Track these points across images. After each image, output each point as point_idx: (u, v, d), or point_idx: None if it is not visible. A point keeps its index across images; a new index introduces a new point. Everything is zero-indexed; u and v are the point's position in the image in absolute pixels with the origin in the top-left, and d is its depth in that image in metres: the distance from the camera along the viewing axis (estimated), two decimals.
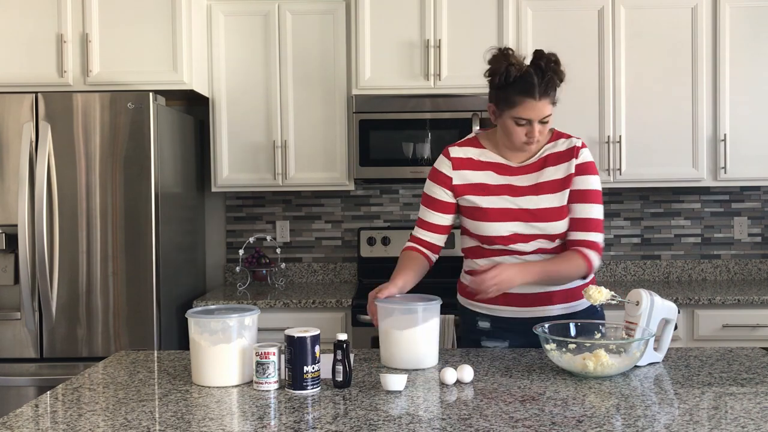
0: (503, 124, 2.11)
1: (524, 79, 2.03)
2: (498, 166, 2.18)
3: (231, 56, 3.60)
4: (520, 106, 2.04)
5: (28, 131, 3.03)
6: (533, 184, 2.14)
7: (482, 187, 2.16)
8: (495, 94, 2.11)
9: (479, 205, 2.15)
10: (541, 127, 2.07)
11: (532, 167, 2.16)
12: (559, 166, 2.14)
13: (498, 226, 2.13)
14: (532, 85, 2.02)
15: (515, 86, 2.04)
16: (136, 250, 3.06)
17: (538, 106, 2.03)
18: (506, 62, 2.05)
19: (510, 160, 2.18)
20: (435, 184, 2.24)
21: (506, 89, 2.06)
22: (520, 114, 2.04)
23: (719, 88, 3.51)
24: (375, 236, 3.80)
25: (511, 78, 2.04)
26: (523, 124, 2.06)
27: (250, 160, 3.61)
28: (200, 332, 1.80)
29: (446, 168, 2.21)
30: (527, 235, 2.12)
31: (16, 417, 1.58)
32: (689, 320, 3.28)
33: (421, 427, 1.48)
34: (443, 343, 3.08)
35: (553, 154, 2.16)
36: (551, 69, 2.05)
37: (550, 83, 2.04)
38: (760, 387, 1.75)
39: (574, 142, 2.16)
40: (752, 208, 3.90)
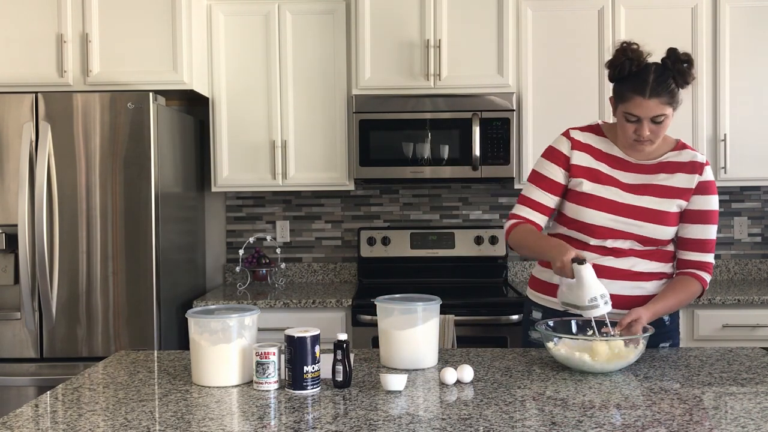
0: (618, 118, 2.12)
1: (639, 75, 2.03)
2: (614, 159, 2.17)
3: (231, 56, 3.60)
4: (630, 102, 2.04)
5: (28, 131, 3.04)
6: (641, 184, 2.14)
7: (595, 174, 2.15)
8: (613, 88, 2.12)
9: (586, 190, 2.14)
10: (654, 126, 2.05)
11: (648, 168, 2.16)
12: (677, 175, 2.13)
13: (596, 215, 2.12)
14: (644, 83, 2.01)
15: (629, 81, 2.04)
16: (136, 250, 3.06)
17: (647, 105, 2.01)
18: (624, 56, 2.05)
19: (629, 156, 2.17)
20: (549, 162, 2.20)
21: (620, 83, 2.07)
22: (630, 110, 2.05)
23: (719, 88, 3.51)
24: (375, 236, 3.80)
25: (625, 72, 2.04)
26: (633, 121, 2.06)
27: (250, 160, 3.61)
28: (200, 332, 1.80)
29: (565, 147, 2.19)
30: (622, 231, 2.11)
31: (16, 417, 1.58)
32: (689, 320, 3.28)
33: (421, 427, 1.48)
34: (443, 343, 3.08)
35: (673, 162, 2.15)
36: (676, 69, 2.02)
37: (664, 83, 2.01)
38: (760, 387, 1.75)
39: (698, 158, 2.16)
40: (752, 208, 3.90)
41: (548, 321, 2.05)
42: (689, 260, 2.16)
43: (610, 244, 2.13)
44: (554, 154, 2.20)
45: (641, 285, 2.14)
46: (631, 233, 2.11)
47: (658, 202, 2.11)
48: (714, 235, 2.16)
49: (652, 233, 2.11)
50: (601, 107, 3.51)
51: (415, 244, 3.80)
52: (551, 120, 3.49)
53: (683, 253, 2.17)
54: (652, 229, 2.11)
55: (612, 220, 2.11)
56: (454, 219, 3.94)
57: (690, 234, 2.15)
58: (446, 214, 3.94)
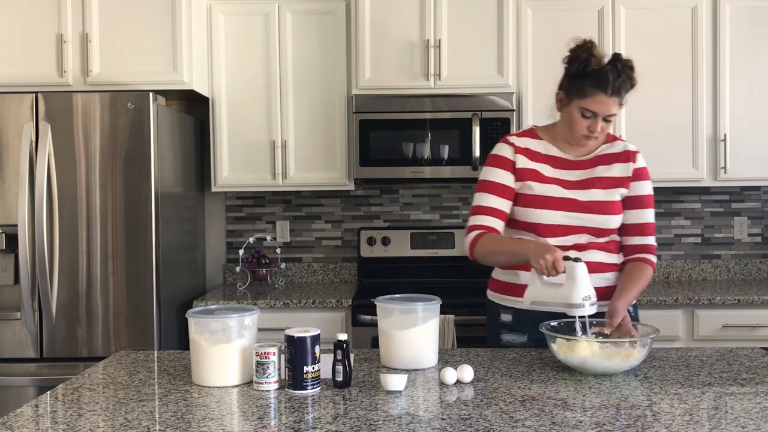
0: (569, 113, 2.16)
1: (600, 73, 2.09)
2: (554, 159, 2.22)
3: (231, 56, 3.60)
4: (591, 98, 2.09)
5: (28, 131, 3.03)
6: (584, 179, 2.20)
7: (538, 175, 2.19)
8: (568, 82, 2.16)
9: (535, 191, 2.17)
10: (604, 124, 2.13)
11: (586, 163, 2.22)
12: (614, 166, 2.21)
13: (549, 214, 2.16)
14: (606, 80, 2.08)
15: (590, 78, 2.09)
16: (136, 250, 3.06)
17: (607, 102, 2.09)
18: (588, 53, 2.10)
19: (567, 154, 2.23)
20: (496, 168, 2.23)
21: (581, 79, 2.11)
22: (588, 106, 2.10)
23: (719, 88, 3.51)
24: (375, 236, 3.80)
25: (589, 69, 2.09)
26: (588, 117, 2.12)
27: (250, 160, 3.61)
28: (200, 332, 1.80)
29: (508, 152, 2.23)
30: (575, 227, 2.16)
31: (16, 417, 1.58)
32: (689, 320, 3.28)
33: (421, 427, 1.48)
34: (443, 343, 3.08)
35: (608, 154, 2.24)
36: (626, 72, 2.10)
37: (623, 84, 2.10)
38: (760, 387, 1.75)
39: (630, 147, 2.26)
40: (752, 208, 3.90)
41: (549, 322, 2.02)
42: (633, 245, 2.23)
43: (569, 241, 2.16)
44: (500, 161, 2.23)
45: (604, 276, 2.20)
46: (584, 227, 2.17)
47: (603, 193, 2.18)
48: (653, 219, 2.24)
49: (604, 223, 2.17)
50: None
51: (415, 244, 3.80)
52: (551, 120, 3.48)
53: (627, 239, 2.24)
54: (603, 219, 2.17)
55: (565, 216, 2.16)
56: (454, 219, 3.94)
57: (631, 220, 2.22)
58: (446, 214, 3.94)
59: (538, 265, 1.96)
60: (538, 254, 1.96)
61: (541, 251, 1.96)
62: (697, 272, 3.89)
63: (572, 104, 2.14)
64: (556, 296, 1.97)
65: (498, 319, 2.29)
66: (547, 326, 2.00)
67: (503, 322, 2.27)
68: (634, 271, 2.19)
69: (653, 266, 2.22)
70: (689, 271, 3.89)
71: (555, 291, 1.98)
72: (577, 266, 1.93)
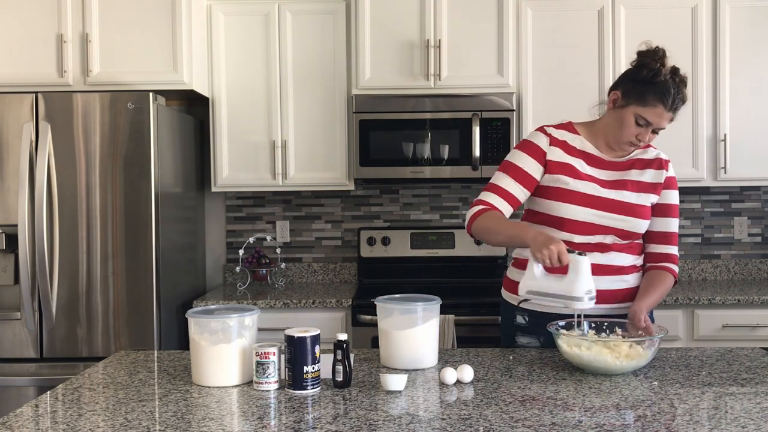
0: (621, 116, 2.12)
1: (665, 85, 2.07)
2: (588, 156, 2.19)
3: (231, 56, 3.60)
4: (650, 108, 2.07)
5: (28, 131, 3.03)
6: (617, 180, 2.17)
7: (573, 170, 2.16)
8: (630, 86, 2.11)
9: (568, 186, 2.14)
10: (652, 135, 2.13)
11: (621, 165, 2.20)
12: (647, 171, 2.20)
13: (579, 211, 2.12)
14: (669, 94, 2.06)
15: (655, 88, 2.06)
16: (136, 250, 3.06)
17: (663, 116, 2.08)
18: (660, 62, 2.09)
19: (602, 153, 2.21)
20: (525, 154, 2.18)
21: (645, 86, 2.07)
22: (645, 114, 2.08)
23: (719, 88, 3.51)
24: (375, 236, 3.80)
25: (658, 78, 2.07)
26: (641, 125, 2.10)
27: (250, 160, 3.61)
28: (200, 332, 1.80)
29: (543, 142, 2.19)
30: (603, 226, 2.13)
31: (16, 417, 1.58)
32: (689, 320, 3.28)
33: (421, 427, 1.48)
34: (443, 343, 3.08)
35: (642, 159, 2.22)
36: (680, 87, 2.09)
37: (680, 101, 2.09)
38: (760, 387, 1.75)
39: (662, 155, 2.25)
40: (752, 208, 3.90)
41: (558, 322, 2.01)
42: (657, 253, 2.21)
43: (594, 240, 2.14)
44: (531, 148, 2.19)
45: (624, 278, 2.18)
46: (612, 227, 2.14)
47: (635, 196, 2.16)
48: (677, 229, 2.24)
49: (633, 227, 2.15)
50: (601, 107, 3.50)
51: (415, 244, 3.80)
52: (551, 120, 3.45)
53: (651, 246, 2.23)
54: (633, 222, 2.15)
55: (594, 215, 2.13)
56: (454, 219, 3.94)
57: (657, 227, 2.21)
58: (446, 214, 3.94)
59: (541, 255, 1.90)
60: (540, 244, 1.91)
61: (545, 241, 1.91)
62: (697, 272, 3.89)
63: (628, 108, 2.10)
64: (555, 288, 1.94)
65: (513, 321, 2.26)
66: (556, 326, 1.99)
67: (518, 325, 2.24)
68: (656, 278, 2.17)
69: (675, 276, 2.20)
70: (689, 271, 3.89)
71: (555, 283, 1.95)
72: (581, 260, 1.91)
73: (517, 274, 2.26)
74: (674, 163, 3.46)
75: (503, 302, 2.33)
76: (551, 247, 1.89)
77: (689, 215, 3.90)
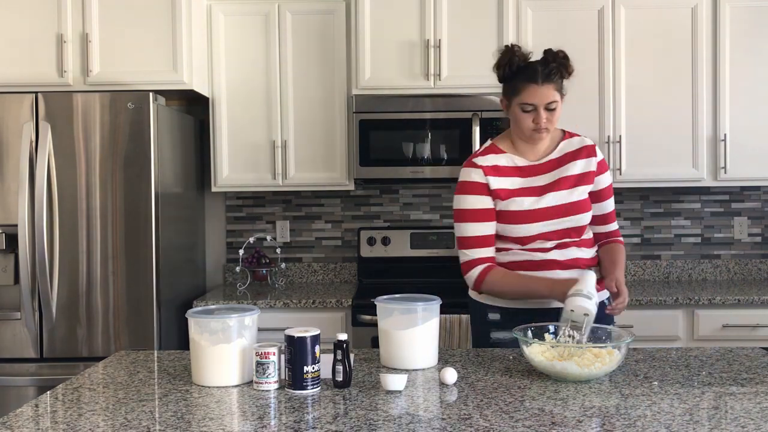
0: (513, 114, 2.22)
1: (528, 67, 2.18)
2: (520, 170, 2.25)
3: (231, 56, 3.60)
4: (524, 92, 2.16)
5: (28, 131, 3.03)
6: (552, 182, 2.24)
7: (512, 192, 2.23)
8: (504, 88, 2.23)
9: (511, 208, 2.21)
10: (548, 114, 2.18)
11: (551, 164, 2.26)
12: (576, 163, 2.26)
13: (530, 227, 2.21)
14: (534, 71, 2.16)
15: (519, 74, 2.17)
16: (136, 250, 3.06)
17: (541, 91, 2.15)
18: (510, 54, 2.19)
19: (528, 159, 2.26)
20: (471, 195, 2.24)
21: (512, 79, 2.19)
22: (525, 100, 2.16)
23: (719, 88, 3.51)
24: (375, 236, 3.80)
25: (514, 67, 2.17)
26: (529, 111, 2.17)
27: (250, 160, 3.61)
28: (200, 332, 1.80)
29: (478, 176, 2.24)
30: (555, 231, 2.21)
31: (16, 417, 1.58)
32: (689, 320, 3.28)
33: (421, 427, 1.48)
34: (467, 343, 3.06)
35: (568, 153, 2.28)
36: (557, 62, 2.16)
37: (553, 71, 2.15)
38: (760, 387, 1.75)
39: (586, 141, 2.31)
40: (752, 208, 3.90)
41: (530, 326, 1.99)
42: (602, 232, 2.35)
43: (551, 245, 2.22)
44: (473, 186, 2.24)
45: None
46: (562, 230, 2.22)
47: (570, 193, 2.23)
48: (613, 207, 2.36)
49: (579, 222, 2.24)
50: (601, 107, 3.51)
51: (415, 244, 3.80)
52: None
53: (599, 227, 2.34)
54: (578, 218, 2.24)
55: (545, 225, 2.21)
56: None
57: (599, 210, 2.31)
58: (446, 214, 3.94)
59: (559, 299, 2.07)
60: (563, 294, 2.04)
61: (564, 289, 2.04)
62: (697, 272, 3.89)
63: (512, 104, 2.21)
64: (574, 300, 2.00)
65: (485, 318, 2.31)
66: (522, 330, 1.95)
67: (492, 321, 2.29)
68: (612, 250, 2.30)
69: (623, 245, 2.34)
70: (689, 271, 3.89)
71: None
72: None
73: None
74: (674, 163, 3.52)
75: (472, 301, 2.39)
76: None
77: (689, 215, 3.90)
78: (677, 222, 3.90)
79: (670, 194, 3.88)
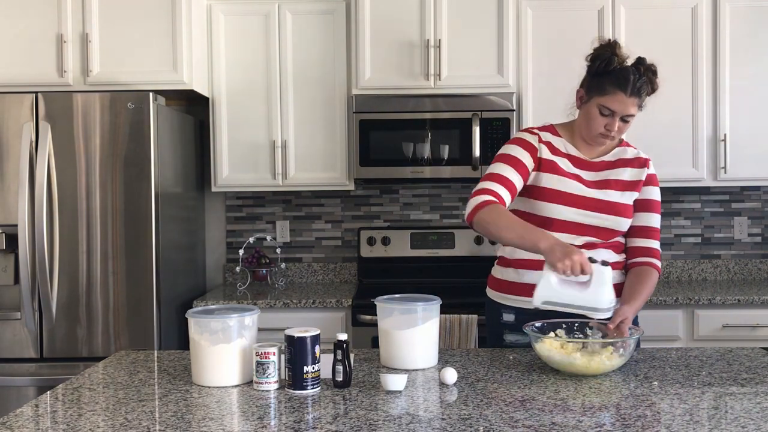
0: (587, 110, 2.17)
1: (622, 72, 2.10)
2: (572, 158, 2.22)
3: (231, 56, 3.60)
4: (610, 96, 2.10)
5: (28, 131, 3.03)
6: (600, 180, 2.20)
7: (559, 169, 2.19)
8: (589, 80, 2.17)
9: (554, 186, 2.16)
10: (621, 124, 2.14)
11: (601, 165, 2.23)
12: (627, 170, 2.23)
13: (566, 211, 2.15)
14: (627, 80, 2.09)
15: (611, 76, 2.10)
16: (136, 250, 3.06)
17: (626, 102, 2.09)
18: (611, 52, 2.12)
19: (583, 154, 2.24)
20: (518, 147, 2.19)
21: (602, 77, 2.12)
22: (607, 103, 2.11)
23: (719, 88, 3.51)
24: (375, 236, 3.80)
25: (611, 66, 2.11)
26: (606, 115, 2.13)
27: (250, 160, 3.61)
28: (200, 332, 1.80)
29: (533, 140, 2.22)
30: (589, 226, 2.15)
31: (16, 417, 1.58)
32: (689, 320, 3.28)
33: (421, 427, 1.48)
34: (467, 343, 3.06)
35: (622, 159, 2.25)
36: (647, 75, 2.12)
37: (643, 85, 2.11)
38: (760, 387, 1.75)
39: (641, 154, 2.28)
40: (752, 208, 3.90)
41: (535, 323, 2.01)
42: (639, 247, 2.22)
43: (580, 240, 2.15)
44: (524, 143, 2.21)
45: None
46: (597, 227, 2.16)
47: (619, 195, 2.19)
48: (659, 225, 2.25)
49: (616, 225, 2.18)
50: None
51: (415, 244, 3.80)
52: (551, 120, 3.46)
53: (632, 240, 2.24)
54: (617, 221, 2.18)
55: (580, 214, 2.15)
56: (454, 219, 3.94)
57: (638, 222, 2.23)
58: (446, 214, 3.94)
59: (562, 266, 1.85)
60: (561, 254, 1.86)
61: (565, 251, 1.86)
62: (697, 272, 3.89)
63: (592, 101, 2.14)
64: (577, 298, 1.91)
65: (500, 319, 2.27)
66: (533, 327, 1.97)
67: (506, 323, 2.25)
68: (642, 276, 2.16)
69: (659, 271, 2.20)
70: (689, 271, 3.89)
71: (576, 292, 1.91)
72: (605, 270, 1.90)
73: (502, 272, 2.28)
74: (674, 163, 3.51)
75: (489, 301, 2.34)
76: (574, 257, 1.85)
77: (689, 215, 3.90)
78: (677, 222, 3.90)
79: (670, 194, 3.88)
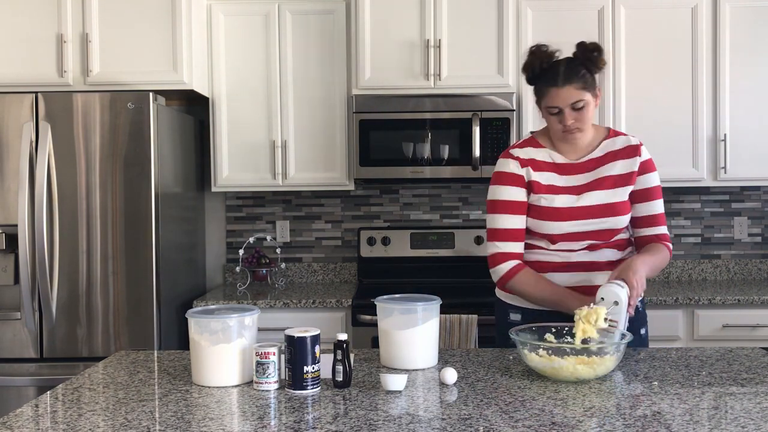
0: (544, 116, 2.20)
1: (550, 69, 2.14)
2: (557, 166, 2.22)
3: (231, 56, 3.60)
4: (548, 95, 2.14)
5: (28, 131, 3.04)
6: (591, 182, 2.20)
7: (548, 187, 2.20)
8: (533, 89, 2.21)
9: (546, 203, 2.18)
10: (576, 114, 2.13)
11: (591, 164, 2.22)
12: (617, 163, 2.21)
13: (562, 225, 2.17)
14: (555, 74, 2.12)
15: (542, 78, 2.16)
16: (136, 250, 3.06)
17: (562, 93, 2.11)
18: (533, 57, 2.16)
19: (567, 157, 2.23)
20: (506, 186, 2.21)
21: (537, 81, 2.17)
22: (549, 103, 2.14)
23: (719, 88, 3.51)
24: (375, 236, 3.80)
25: (537, 70, 2.15)
26: (555, 113, 2.15)
27: (250, 160, 3.61)
28: (200, 332, 1.80)
29: (515, 167, 2.22)
30: (588, 232, 2.17)
31: (16, 417, 1.58)
32: (689, 320, 3.28)
33: (421, 427, 1.48)
34: (467, 343, 3.06)
35: (610, 152, 2.23)
36: (586, 58, 2.13)
37: (573, 70, 2.12)
38: (760, 387, 1.75)
39: (632, 141, 2.24)
40: (752, 208, 3.90)
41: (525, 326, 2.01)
42: (646, 235, 2.23)
43: (582, 245, 2.18)
44: (509, 177, 2.22)
45: None
46: (596, 231, 2.18)
47: (611, 194, 2.18)
48: (662, 209, 2.24)
49: (614, 224, 2.18)
50: (600, 107, 3.51)
51: (415, 244, 3.80)
52: None
53: (639, 230, 2.25)
54: (614, 221, 2.18)
55: (577, 224, 2.17)
56: (454, 219, 3.94)
57: (641, 212, 2.23)
58: (446, 214, 3.94)
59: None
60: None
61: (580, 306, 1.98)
62: (697, 272, 3.89)
63: (542, 108, 2.20)
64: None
65: (507, 319, 2.29)
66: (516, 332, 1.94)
67: (513, 322, 2.26)
68: (653, 247, 2.19)
69: (670, 250, 2.22)
70: (689, 271, 3.89)
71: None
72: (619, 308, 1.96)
73: None
74: (674, 163, 3.51)
75: (497, 301, 2.36)
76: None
77: (689, 215, 3.90)
78: (677, 222, 3.90)
79: (670, 194, 3.88)
